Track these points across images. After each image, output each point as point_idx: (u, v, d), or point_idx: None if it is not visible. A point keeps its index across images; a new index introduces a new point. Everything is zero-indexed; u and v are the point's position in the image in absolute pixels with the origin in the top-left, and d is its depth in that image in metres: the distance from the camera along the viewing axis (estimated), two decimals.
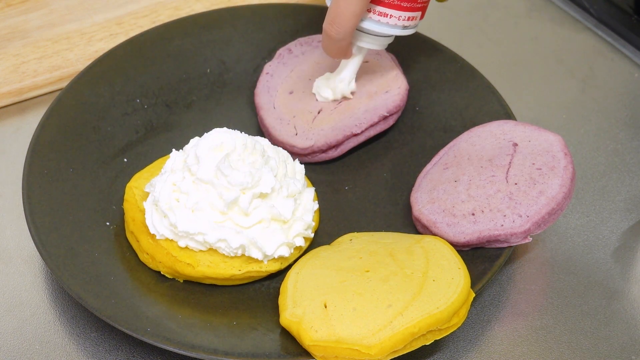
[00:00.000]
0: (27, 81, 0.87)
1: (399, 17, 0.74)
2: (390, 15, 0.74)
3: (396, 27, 0.75)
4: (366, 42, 0.77)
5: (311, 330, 0.65)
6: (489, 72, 0.86)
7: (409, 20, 0.75)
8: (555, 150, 0.73)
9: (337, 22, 0.73)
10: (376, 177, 0.80)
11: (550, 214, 0.70)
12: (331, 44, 0.75)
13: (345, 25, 0.73)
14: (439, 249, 0.70)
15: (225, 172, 0.70)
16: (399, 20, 0.75)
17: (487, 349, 0.70)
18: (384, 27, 0.75)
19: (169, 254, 0.71)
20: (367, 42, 0.77)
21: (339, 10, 0.72)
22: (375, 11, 0.74)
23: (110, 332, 0.71)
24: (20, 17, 0.93)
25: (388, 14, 0.74)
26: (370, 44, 0.77)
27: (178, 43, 0.87)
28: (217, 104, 0.86)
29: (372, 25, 0.75)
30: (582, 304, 0.73)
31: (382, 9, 0.74)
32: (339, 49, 0.76)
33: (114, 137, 0.81)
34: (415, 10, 0.75)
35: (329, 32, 0.74)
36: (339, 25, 0.73)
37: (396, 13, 0.74)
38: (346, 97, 0.81)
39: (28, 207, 0.73)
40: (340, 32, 0.73)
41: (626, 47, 0.93)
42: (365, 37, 0.76)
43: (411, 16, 0.75)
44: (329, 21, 0.73)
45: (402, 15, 0.74)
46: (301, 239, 0.73)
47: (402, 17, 0.74)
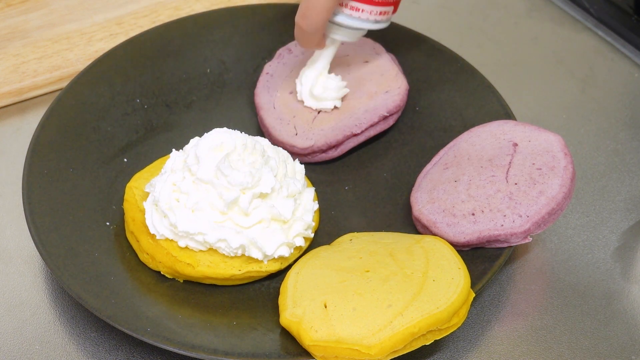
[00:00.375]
0: (27, 81, 0.87)
1: (370, 12, 0.76)
2: (362, 9, 0.76)
3: (368, 22, 0.76)
4: (339, 34, 0.78)
5: (311, 330, 0.65)
6: (489, 72, 0.86)
7: (381, 14, 0.76)
8: (555, 150, 0.73)
9: (308, 15, 0.74)
10: (376, 177, 0.80)
11: (550, 214, 0.70)
12: (304, 36, 0.76)
13: (316, 18, 0.74)
14: (439, 249, 0.70)
15: (225, 172, 0.70)
16: (371, 15, 0.76)
17: (487, 349, 0.70)
18: (356, 21, 0.76)
19: (169, 254, 0.71)
20: (339, 35, 0.78)
21: (309, 4, 0.74)
22: (348, 5, 0.75)
23: (110, 332, 0.71)
24: (20, 17, 0.93)
25: (360, 9, 0.75)
26: (343, 37, 0.78)
27: (178, 43, 0.87)
28: (217, 104, 0.86)
29: (344, 19, 0.76)
30: (582, 304, 0.73)
31: (355, 3, 0.75)
32: (311, 41, 0.77)
33: (114, 137, 0.81)
34: (387, 5, 0.76)
35: (301, 25, 0.75)
36: (310, 18, 0.74)
37: (368, 8, 0.76)
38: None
39: (28, 207, 0.73)
40: (312, 25, 0.74)
41: (626, 47, 0.93)
42: (338, 29, 0.77)
43: (383, 11, 0.76)
44: (301, 15, 0.74)
45: (374, 10, 0.76)
46: (301, 239, 0.73)
47: (373, 11, 0.76)
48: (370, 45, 0.85)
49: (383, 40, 0.86)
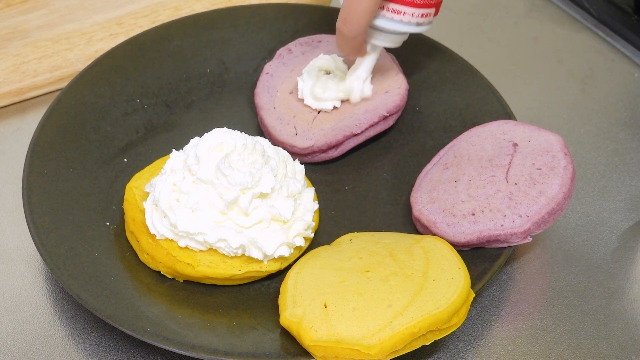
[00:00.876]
0: (27, 81, 0.87)
1: (412, 14, 0.74)
2: (403, 12, 0.74)
3: (410, 25, 0.75)
4: (380, 39, 0.76)
5: (311, 330, 0.65)
6: (489, 72, 0.86)
7: (423, 17, 0.75)
8: (555, 150, 0.73)
9: (349, 20, 0.73)
10: (376, 177, 0.81)
11: (550, 214, 0.70)
12: (345, 42, 0.75)
13: (357, 23, 0.73)
14: (439, 249, 0.70)
15: (225, 172, 0.70)
16: (413, 17, 0.74)
17: (487, 349, 0.70)
18: (397, 25, 0.74)
19: (169, 254, 0.71)
20: (381, 40, 0.76)
21: (351, 8, 0.72)
22: (389, 8, 0.74)
23: (110, 332, 0.71)
24: (20, 17, 0.93)
25: (401, 11, 0.74)
26: (385, 42, 0.76)
27: (178, 43, 0.87)
28: (217, 104, 0.86)
29: (385, 23, 0.74)
30: (582, 304, 0.73)
31: (396, 6, 0.73)
32: (353, 47, 0.75)
33: (114, 137, 0.81)
34: (428, 7, 0.74)
35: (342, 30, 0.73)
36: (352, 23, 0.73)
37: (409, 10, 0.74)
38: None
39: (28, 207, 0.73)
40: (353, 30, 0.73)
41: (626, 47, 0.93)
42: (379, 34, 0.76)
43: (425, 13, 0.75)
44: (342, 19, 0.73)
45: (415, 12, 0.74)
46: (301, 239, 0.73)
47: (415, 14, 0.74)
48: None
49: None
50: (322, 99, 0.80)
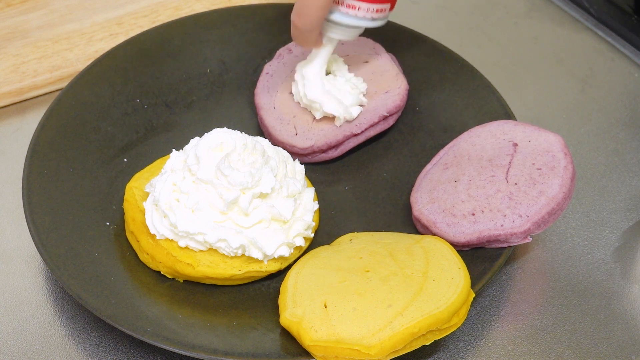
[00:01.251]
0: (27, 81, 0.87)
1: (367, 10, 0.75)
2: (358, 7, 0.74)
3: (365, 19, 0.75)
4: (336, 33, 0.77)
5: (311, 330, 0.65)
6: (489, 72, 0.86)
7: (378, 12, 0.75)
8: (555, 150, 0.73)
9: (303, 13, 0.73)
10: (376, 177, 0.80)
11: (550, 214, 0.70)
12: (299, 35, 0.75)
13: (311, 16, 0.73)
14: (439, 249, 0.70)
15: (225, 172, 0.70)
16: (367, 12, 0.75)
17: (487, 349, 0.70)
18: (352, 19, 0.75)
19: (169, 254, 0.71)
20: (336, 33, 0.77)
21: (304, 1, 0.73)
22: (344, 3, 0.74)
23: (110, 332, 0.71)
24: (20, 17, 0.93)
25: (356, 6, 0.74)
26: (340, 35, 0.77)
27: (178, 43, 0.87)
28: (217, 104, 0.86)
29: (340, 18, 0.75)
30: (582, 304, 0.73)
31: (351, 1, 0.74)
32: (307, 40, 0.76)
33: (114, 137, 0.81)
34: (383, 2, 0.75)
35: (296, 23, 0.74)
36: (305, 16, 0.73)
37: (364, 5, 0.74)
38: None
39: (28, 207, 0.73)
40: (307, 23, 0.74)
41: (626, 47, 0.93)
42: (334, 27, 0.76)
43: (380, 8, 0.75)
44: (296, 12, 0.74)
45: (370, 8, 0.75)
46: (301, 239, 0.73)
47: (370, 9, 0.75)
48: (370, 45, 0.85)
49: (383, 40, 0.86)
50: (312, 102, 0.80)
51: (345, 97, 0.79)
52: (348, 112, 0.79)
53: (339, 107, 0.78)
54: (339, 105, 0.78)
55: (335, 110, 0.79)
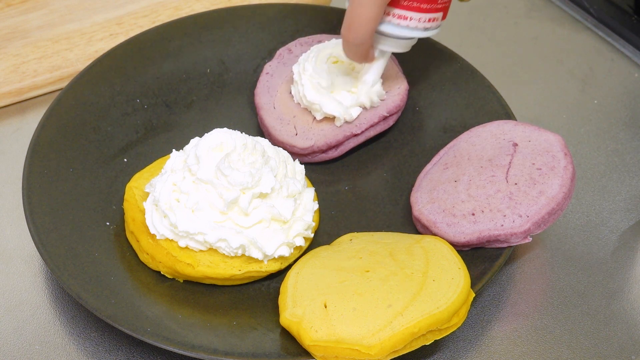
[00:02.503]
0: (27, 81, 0.87)
1: (419, 19, 0.73)
2: (410, 17, 0.72)
3: (417, 30, 0.73)
4: (388, 45, 0.75)
5: (311, 330, 0.65)
6: (489, 72, 0.86)
7: (430, 21, 0.73)
8: (555, 150, 0.73)
9: (353, 27, 0.71)
10: (376, 177, 0.81)
11: (550, 214, 0.70)
12: (351, 49, 0.73)
13: (361, 30, 0.71)
14: (439, 249, 0.70)
15: (225, 172, 0.70)
16: (420, 22, 0.73)
17: (487, 349, 0.70)
18: (404, 30, 0.73)
19: (169, 254, 0.71)
20: (388, 46, 0.75)
21: (354, 15, 0.71)
22: (395, 14, 0.72)
23: (110, 332, 0.71)
24: (20, 17, 0.93)
25: (408, 17, 0.72)
26: (392, 47, 0.75)
27: (178, 43, 0.87)
28: (217, 104, 0.86)
29: (391, 29, 0.73)
30: (582, 304, 0.73)
31: (401, 11, 0.72)
32: (359, 54, 0.74)
33: (114, 137, 0.81)
34: (435, 12, 0.73)
35: (346, 37, 0.72)
36: (356, 30, 0.71)
37: (416, 15, 0.72)
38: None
39: (28, 207, 0.73)
40: (358, 37, 0.72)
41: (626, 47, 0.93)
42: (386, 40, 0.74)
43: (432, 17, 0.73)
44: (346, 26, 0.72)
45: (422, 17, 0.73)
46: (301, 239, 0.73)
47: (422, 19, 0.73)
48: None
49: None
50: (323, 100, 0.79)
51: (345, 98, 0.79)
52: (348, 113, 0.79)
53: (339, 108, 0.78)
54: (338, 106, 0.78)
55: (336, 110, 0.78)
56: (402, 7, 0.72)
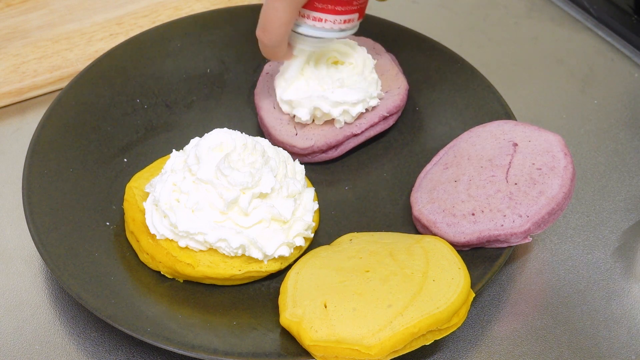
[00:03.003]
0: (27, 81, 0.87)
1: (334, 21, 0.74)
2: (325, 19, 0.74)
3: (332, 31, 0.75)
4: (305, 44, 0.76)
5: (311, 330, 0.65)
6: (489, 72, 0.86)
7: (345, 22, 0.75)
8: (555, 150, 0.73)
9: (267, 29, 0.73)
10: (376, 177, 0.80)
11: (550, 214, 0.70)
12: (267, 50, 0.75)
13: (275, 32, 0.73)
14: (439, 249, 0.70)
15: (225, 172, 0.70)
16: (335, 24, 0.74)
17: (487, 349, 0.70)
18: (320, 32, 0.74)
19: (169, 254, 0.71)
20: (305, 45, 0.76)
21: (268, 18, 0.72)
22: (310, 16, 0.74)
23: (110, 332, 0.71)
24: (20, 17, 0.93)
25: (323, 19, 0.74)
26: (310, 46, 0.76)
27: (178, 43, 0.87)
28: (217, 104, 0.86)
29: (307, 30, 0.74)
30: (582, 304, 0.73)
31: (317, 14, 0.74)
32: (276, 54, 0.76)
33: (114, 137, 0.81)
34: (351, 13, 0.74)
35: (261, 39, 0.74)
36: (270, 32, 0.73)
37: (331, 17, 0.74)
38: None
39: (28, 207, 0.73)
40: (272, 39, 0.73)
41: (626, 47, 0.93)
42: (303, 39, 0.76)
43: (347, 19, 0.74)
44: (260, 28, 0.73)
45: (337, 19, 0.74)
46: (301, 239, 0.73)
47: (337, 20, 0.74)
48: (370, 45, 0.85)
49: (383, 40, 0.86)
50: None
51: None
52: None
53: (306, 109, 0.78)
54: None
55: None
56: (317, 9, 0.73)
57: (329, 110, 0.78)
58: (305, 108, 0.78)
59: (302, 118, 0.79)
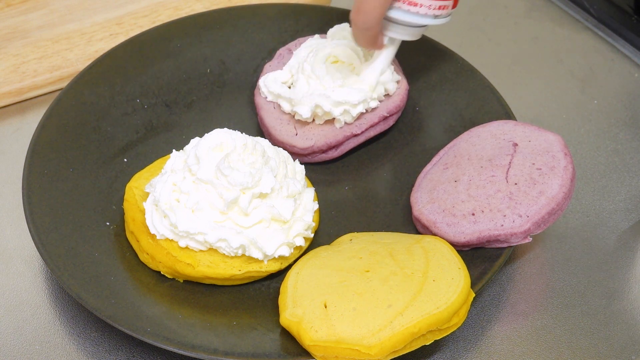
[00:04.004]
0: (27, 81, 0.87)
1: (429, 6, 0.72)
2: (420, 4, 0.72)
3: (427, 17, 0.73)
4: (397, 32, 0.74)
5: (311, 330, 0.65)
6: (489, 72, 0.86)
7: (440, 9, 0.73)
8: (555, 150, 0.73)
9: (362, 10, 0.71)
10: (376, 177, 0.81)
11: (550, 214, 0.70)
12: (359, 34, 0.73)
13: (370, 14, 0.71)
14: (439, 249, 0.70)
15: (225, 172, 0.70)
16: (430, 10, 0.72)
17: (487, 349, 0.70)
18: (414, 17, 0.72)
19: (169, 254, 0.71)
20: (398, 33, 0.74)
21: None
22: (405, 0, 0.72)
23: (110, 332, 0.71)
24: (20, 17, 0.93)
25: (418, 3, 0.72)
26: (402, 35, 0.74)
27: (178, 43, 0.87)
28: (217, 104, 0.86)
29: (401, 15, 0.72)
30: (582, 304, 0.73)
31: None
32: (367, 39, 0.74)
33: (114, 137, 0.81)
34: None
35: (355, 21, 0.72)
36: (365, 14, 0.71)
37: (426, 2, 0.72)
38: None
39: (28, 207, 0.73)
40: (367, 21, 0.71)
41: (626, 47, 0.93)
42: (395, 27, 0.74)
43: (442, 5, 0.72)
44: (355, 10, 0.71)
45: (432, 4, 0.72)
46: (301, 239, 0.73)
47: (432, 5, 0.72)
48: None
49: None
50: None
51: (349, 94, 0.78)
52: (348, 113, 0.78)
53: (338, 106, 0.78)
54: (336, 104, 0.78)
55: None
56: None
57: (330, 109, 0.78)
58: (306, 105, 0.78)
59: (302, 115, 0.79)
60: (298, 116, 0.79)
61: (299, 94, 0.78)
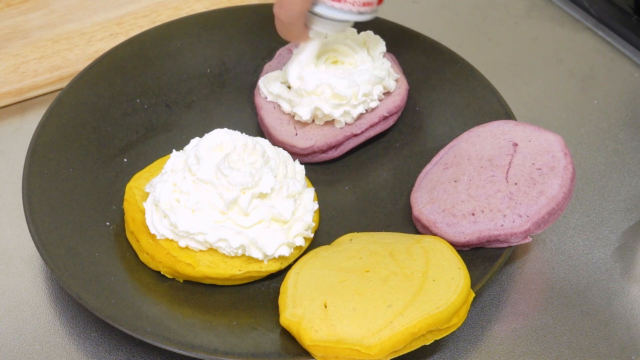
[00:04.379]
0: (27, 81, 0.87)
1: (353, 3, 0.72)
2: (344, 0, 0.72)
3: (351, 13, 0.73)
4: (322, 26, 0.75)
5: (311, 330, 0.65)
6: (489, 72, 0.86)
7: (365, 5, 0.73)
8: (555, 150, 0.73)
9: (284, 5, 0.72)
10: (376, 177, 0.80)
11: (550, 214, 0.70)
12: (283, 27, 0.74)
13: (292, 8, 0.71)
14: (439, 249, 0.70)
15: (225, 172, 0.70)
16: (354, 6, 0.73)
17: (487, 349, 0.70)
18: (338, 13, 0.73)
19: (169, 254, 0.71)
20: (322, 27, 0.75)
21: None
22: None
23: (110, 332, 0.71)
24: (20, 17, 0.93)
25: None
26: (326, 29, 0.75)
27: (178, 43, 0.87)
28: (217, 104, 0.86)
29: (325, 11, 0.73)
30: (582, 304, 0.73)
31: None
32: (291, 32, 0.74)
33: (114, 137, 0.81)
34: None
35: (278, 15, 0.72)
36: (287, 8, 0.71)
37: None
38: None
39: (28, 207, 0.73)
40: (289, 15, 0.72)
41: (626, 47, 0.93)
42: (320, 21, 0.74)
43: (367, 2, 0.73)
44: (278, 3, 0.72)
45: (356, 1, 0.72)
46: (301, 239, 0.73)
47: (356, 2, 0.72)
48: None
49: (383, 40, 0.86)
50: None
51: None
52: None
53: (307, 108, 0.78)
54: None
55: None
56: None
57: (330, 111, 0.78)
58: (306, 107, 0.78)
59: (302, 117, 0.79)
60: (298, 117, 0.79)
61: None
